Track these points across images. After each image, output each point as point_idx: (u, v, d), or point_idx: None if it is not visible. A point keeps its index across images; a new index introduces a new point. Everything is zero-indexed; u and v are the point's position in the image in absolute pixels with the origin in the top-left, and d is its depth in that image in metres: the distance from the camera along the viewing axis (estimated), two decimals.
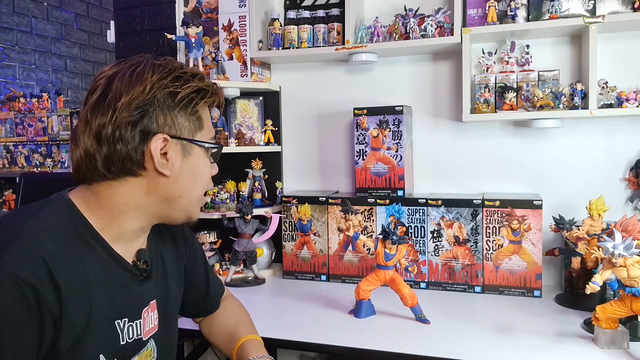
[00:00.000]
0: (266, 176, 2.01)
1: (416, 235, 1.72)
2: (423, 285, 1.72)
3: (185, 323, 1.41)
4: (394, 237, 1.40)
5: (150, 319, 0.96)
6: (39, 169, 2.70)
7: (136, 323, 0.91)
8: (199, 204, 0.98)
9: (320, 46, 1.88)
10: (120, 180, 0.88)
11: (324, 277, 1.84)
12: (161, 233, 1.06)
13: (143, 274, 0.95)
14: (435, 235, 1.70)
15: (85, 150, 0.86)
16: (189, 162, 0.91)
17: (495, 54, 1.77)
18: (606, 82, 1.60)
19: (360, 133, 1.79)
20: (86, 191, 0.89)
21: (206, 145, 0.94)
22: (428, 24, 1.73)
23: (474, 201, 1.66)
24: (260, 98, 2.06)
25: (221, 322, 1.23)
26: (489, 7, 1.66)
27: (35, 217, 0.82)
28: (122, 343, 0.88)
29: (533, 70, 1.71)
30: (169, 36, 1.89)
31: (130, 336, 0.90)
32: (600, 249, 1.18)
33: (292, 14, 1.94)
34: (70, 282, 0.78)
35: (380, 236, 1.45)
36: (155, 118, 0.86)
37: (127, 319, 0.89)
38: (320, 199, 1.84)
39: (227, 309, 1.27)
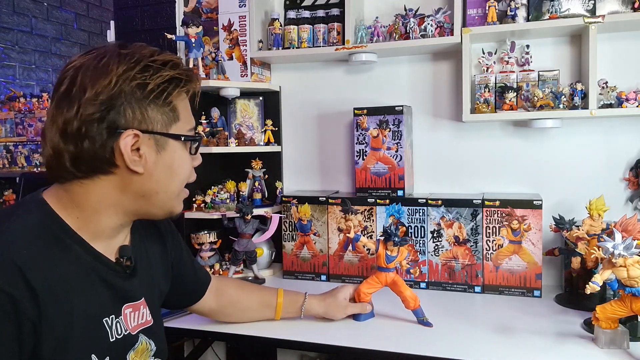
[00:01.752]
0: (266, 176, 2.01)
1: (416, 236, 1.72)
2: (423, 285, 1.72)
3: (186, 323, 1.42)
4: (396, 239, 1.37)
5: (139, 315, 0.94)
6: (39, 169, 2.70)
7: (120, 318, 0.89)
8: (180, 198, 0.94)
9: (320, 46, 1.88)
10: (92, 179, 0.84)
11: (324, 277, 1.84)
12: (147, 229, 1.04)
13: (127, 270, 0.92)
14: (435, 235, 1.70)
15: (53, 148, 0.82)
16: (164, 157, 0.87)
17: (495, 54, 1.77)
18: (606, 82, 1.60)
19: (360, 133, 1.79)
20: (60, 190, 0.86)
21: (182, 138, 0.89)
22: (428, 24, 1.73)
23: (474, 201, 1.66)
24: (260, 98, 2.06)
25: (240, 292, 1.37)
26: (489, 7, 1.65)
27: (7, 222, 0.80)
28: (111, 340, 0.86)
29: (533, 70, 1.71)
30: (169, 36, 1.89)
31: (119, 332, 0.88)
32: (600, 249, 1.18)
33: (292, 14, 1.94)
34: (47, 286, 0.76)
35: (382, 238, 1.42)
36: (124, 112, 0.81)
37: (114, 316, 0.88)
38: (320, 199, 1.84)
39: (233, 282, 1.41)
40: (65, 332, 0.78)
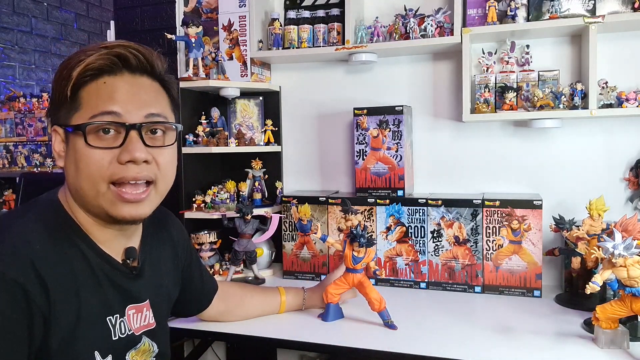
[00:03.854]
0: (266, 176, 2.01)
1: (416, 235, 1.72)
2: (423, 285, 1.72)
3: (186, 323, 1.42)
4: (362, 240, 1.35)
5: (142, 317, 0.96)
6: (39, 169, 2.69)
7: (124, 319, 0.91)
8: (107, 198, 0.84)
9: (320, 46, 1.88)
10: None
11: (324, 277, 1.83)
12: (159, 234, 1.07)
13: (133, 271, 0.95)
14: (435, 235, 1.70)
15: None
16: (69, 151, 0.85)
17: (495, 54, 1.77)
18: (606, 82, 1.60)
19: (360, 133, 1.79)
20: (65, 189, 0.91)
21: (70, 129, 0.83)
22: (428, 24, 1.73)
23: (474, 201, 1.66)
24: (260, 98, 2.06)
25: (244, 293, 1.42)
26: (489, 7, 1.65)
27: (22, 218, 0.84)
28: (114, 339, 0.88)
29: (533, 70, 1.71)
30: (169, 36, 1.89)
31: (123, 332, 0.90)
32: (600, 249, 1.18)
33: (292, 14, 1.94)
34: (57, 281, 0.79)
35: (348, 238, 1.40)
36: (55, 111, 0.87)
37: (118, 315, 0.90)
38: (320, 199, 1.84)
39: (236, 284, 1.47)
40: (72, 326, 0.81)
